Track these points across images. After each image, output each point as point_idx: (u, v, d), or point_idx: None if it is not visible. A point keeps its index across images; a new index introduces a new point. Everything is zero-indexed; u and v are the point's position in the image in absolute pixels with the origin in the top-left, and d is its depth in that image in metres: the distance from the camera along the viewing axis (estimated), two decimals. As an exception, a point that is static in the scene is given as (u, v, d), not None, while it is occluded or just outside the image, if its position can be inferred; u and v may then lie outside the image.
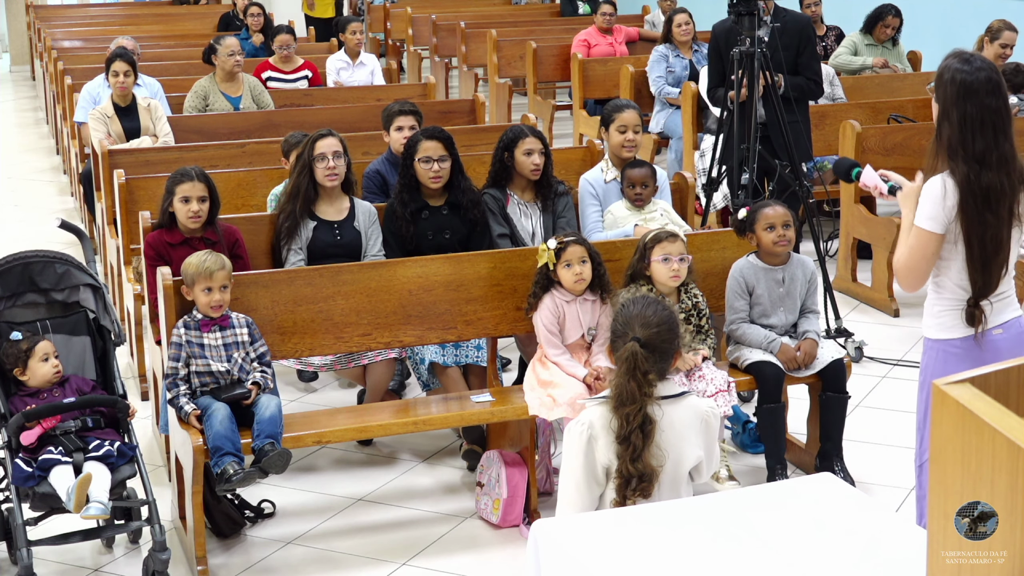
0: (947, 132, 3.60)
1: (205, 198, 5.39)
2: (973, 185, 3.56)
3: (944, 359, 3.73)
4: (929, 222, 3.60)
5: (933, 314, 3.76)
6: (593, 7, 13.24)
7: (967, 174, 3.56)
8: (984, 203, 3.57)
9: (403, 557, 4.60)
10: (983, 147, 3.57)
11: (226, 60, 8.60)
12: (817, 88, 7.13)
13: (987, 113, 3.57)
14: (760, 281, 5.10)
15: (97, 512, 4.09)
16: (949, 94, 3.60)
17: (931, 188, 3.61)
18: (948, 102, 3.60)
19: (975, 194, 3.57)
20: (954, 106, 3.58)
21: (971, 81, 3.57)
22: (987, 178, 3.56)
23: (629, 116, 5.99)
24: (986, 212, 3.58)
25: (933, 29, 10.82)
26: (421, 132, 5.77)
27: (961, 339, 3.70)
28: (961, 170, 3.57)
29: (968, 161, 3.57)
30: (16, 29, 18.96)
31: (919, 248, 3.63)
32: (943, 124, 3.61)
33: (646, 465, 3.41)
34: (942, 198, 3.59)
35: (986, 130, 3.57)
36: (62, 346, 4.54)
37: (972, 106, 3.57)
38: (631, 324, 3.49)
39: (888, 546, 3.06)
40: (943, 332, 3.73)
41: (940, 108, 3.64)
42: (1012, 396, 2.28)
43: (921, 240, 3.62)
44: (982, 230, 3.59)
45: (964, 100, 3.57)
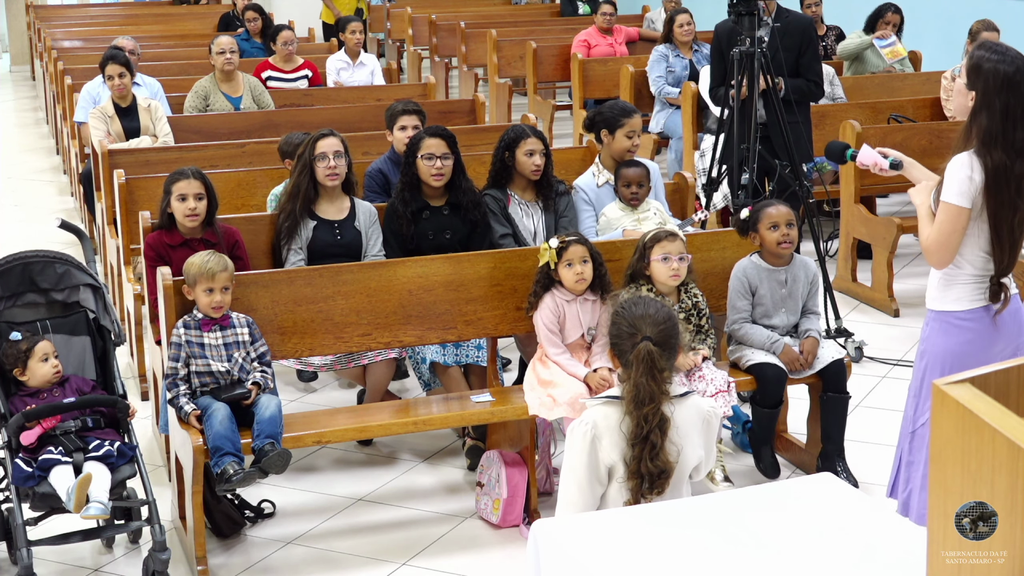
0: (986, 121, 3.72)
1: (202, 196, 5.39)
2: (1009, 172, 3.71)
3: (947, 330, 3.89)
4: (959, 198, 3.73)
5: (942, 286, 3.89)
6: (593, 7, 13.24)
7: (1004, 162, 3.71)
8: (1017, 191, 3.74)
9: (403, 557, 4.60)
10: (1019, 136, 3.72)
11: (217, 59, 8.61)
12: (818, 90, 7.13)
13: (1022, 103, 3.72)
14: (763, 282, 5.10)
15: (97, 512, 4.09)
16: (991, 85, 3.72)
17: (958, 165, 3.75)
18: (990, 92, 3.72)
19: (1009, 181, 3.72)
20: (996, 96, 3.71)
21: (1012, 73, 3.72)
22: (1020, 166, 3.72)
23: (639, 122, 5.99)
24: (1017, 199, 3.74)
25: (933, 29, 10.82)
26: (424, 130, 5.78)
27: (966, 311, 3.86)
28: (998, 158, 3.71)
29: (1007, 150, 3.71)
30: (16, 29, 18.97)
31: (949, 223, 3.76)
32: (981, 113, 3.73)
33: (665, 462, 3.43)
34: (969, 174, 3.72)
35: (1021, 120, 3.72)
36: (62, 346, 4.54)
37: (1014, 98, 3.71)
38: (639, 324, 3.50)
39: (888, 546, 3.06)
40: (951, 304, 3.88)
41: (980, 97, 3.74)
42: (1012, 396, 2.28)
43: (951, 215, 3.75)
44: (1012, 215, 3.75)
45: (1007, 91, 3.71)
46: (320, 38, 13.39)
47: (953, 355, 3.89)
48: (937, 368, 3.93)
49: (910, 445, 4.01)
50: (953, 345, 3.90)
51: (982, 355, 3.88)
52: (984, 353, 3.88)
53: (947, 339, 3.89)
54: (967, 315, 3.87)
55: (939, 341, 3.91)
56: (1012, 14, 9.99)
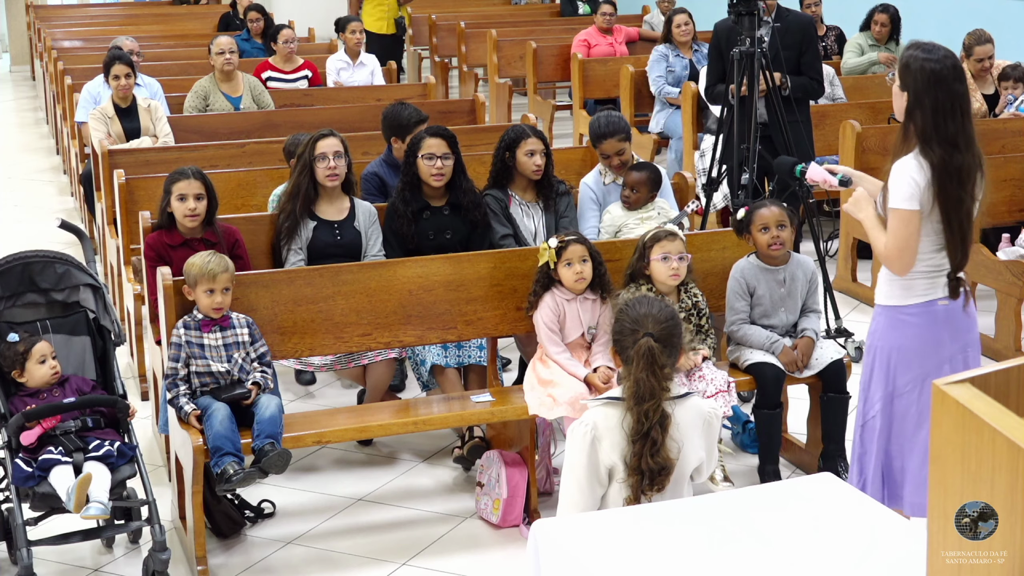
0: (920, 119, 3.77)
1: (202, 196, 5.39)
2: (949, 167, 3.75)
3: (894, 324, 3.94)
4: (908, 201, 3.77)
5: (891, 282, 3.93)
6: (593, 7, 13.23)
7: (942, 157, 3.75)
8: (959, 183, 3.78)
9: (403, 557, 4.60)
10: (955, 130, 3.76)
11: (217, 59, 8.61)
12: (819, 87, 7.13)
13: (955, 98, 3.77)
14: (761, 282, 5.10)
15: (97, 512, 4.09)
16: (920, 83, 3.77)
17: (904, 169, 3.79)
18: (920, 91, 3.77)
19: (951, 175, 3.76)
20: (925, 94, 3.76)
21: (939, 69, 3.76)
22: (958, 159, 3.77)
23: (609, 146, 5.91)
24: (960, 191, 3.78)
25: (933, 29, 10.81)
26: (425, 130, 5.77)
27: (913, 306, 3.91)
28: (936, 153, 3.75)
29: (942, 144, 3.75)
30: (16, 29, 18.95)
31: (903, 228, 3.79)
32: (915, 112, 3.79)
33: (665, 459, 3.43)
34: (913, 176, 3.76)
35: (955, 114, 3.76)
36: (62, 346, 4.54)
37: (942, 93, 3.75)
38: (642, 322, 3.50)
39: (888, 546, 3.06)
40: (898, 299, 3.93)
41: (911, 97, 3.80)
42: (1012, 396, 2.28)
43: (903, 220, 3.78)
44: (959, 207, 3.79)
45: (935, 88, 3.75)
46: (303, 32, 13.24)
47: (900, 349, 3.95)
48: (884, 362, 3.99)
49: (861, 438, 4.09)
50: (900, 339, 3.95)
51: (930, 350, 3.94)
52: (932, 348, 3.94)
53: (894, 333, 3.94)
54: (914, 310, 3.91)
55: (886, 335, 3.96)
56: (1012, 14, 9.99)
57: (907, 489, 4.08)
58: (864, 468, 4.09)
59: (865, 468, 4.08)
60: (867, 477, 4.07)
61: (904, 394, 3.99)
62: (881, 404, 4.03)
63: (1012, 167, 6.86)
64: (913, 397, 3.98)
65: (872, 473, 4.06)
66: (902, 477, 4.08)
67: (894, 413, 4.02)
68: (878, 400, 4.03)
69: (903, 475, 4.08)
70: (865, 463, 4.09)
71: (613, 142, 5.92)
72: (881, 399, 4.02)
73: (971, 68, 8.30)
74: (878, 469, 4.08)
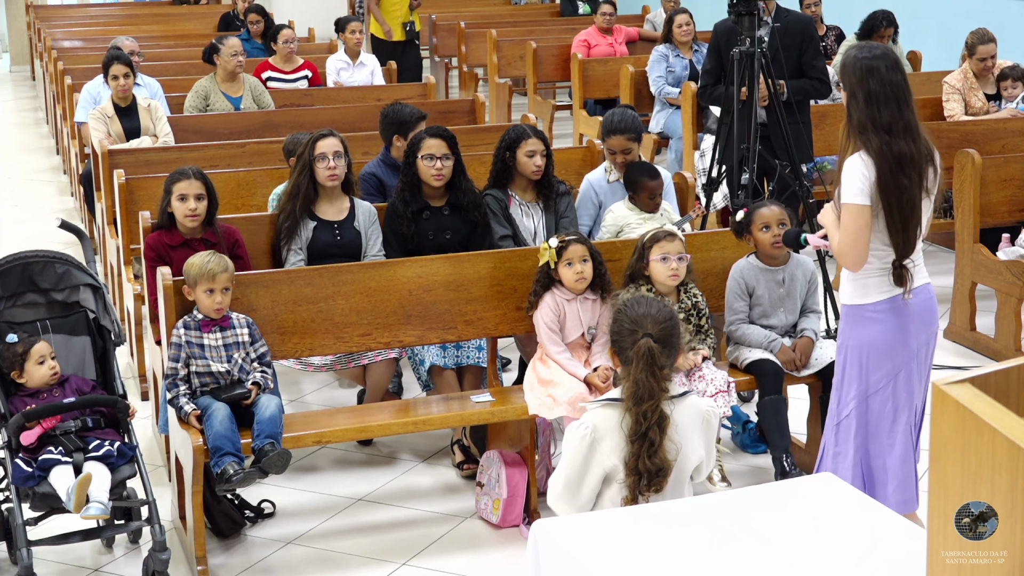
0: (855, 112, 3.91)
1: (202, 196, 5.39)
2: (886, 154, 3.87)
3: (860, 323, 4.03)
4: (859, 196, 3.88)
5: (851, 281, 4.03)
6: (593, 7, 13.23)
7: (879, 145, 3.87)
8: (898, 168, 3.88)
9: (403, 557, 4.60)
10: (889, 118, 3.88)
11: (228, 60, 8.59)
12: (824, 87, 7.09)
13: (889, 87, 3.90)
14: (760, 282, 5.10)
15: (97, 512, 4.09)
16: (854, 78, 3.92)
17: (851, 166, 3.91)
18: (854, 85, 3.92)
19: (889, 161, 3.87)
20: (859, 86, 3.91)
21: (870, 60, 3.91)
22: (897, 146, 3.87)
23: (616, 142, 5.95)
24: (900, 176, 3.88)
25: (933, 29, 10.82)
26: (425, 130, 5.76)
27: (876, 303, 4.00)
28: (873, 142, 3.88)
29: (878, 132, 3.88)
30: (16, 29, 18.96)
31: (853, 222, 3.89)
32: (851, 106, 3.93)
33: (663, 460, 3.43)
34: (864, 171, 3.88)
35: (890, 102, 3.89)
36: (62, 346, 4.54)
37: (875, 83, 3.89)
38: (641, 322, 3.51)
39: (888, 546, 3.06)
40: (861, 298, 4.02)
41: (848, 92, 3.95)
42: (1012, 396, 2.27)
43: (854, 214, 3.88)
44: (899, 194, 3.89)
45: (868, 79, 3.90)
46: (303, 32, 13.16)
47: (870, 346, 4.03)
48: (855, 360, 4.06)
49: (835, 436, 4.14)
50: (868, 337, 4.03)
51: (899, 345, 4.02)
52: (901, 343, 4.02)
53: (862, 331, 4.03)
54: (877, 307, 4.00)
55: (854, 334, 4.05)
56: (1012, 14, 10.00)
57: (891, 487, 4.13)
58: (839, 467, 4.12)
59: (840, 467, 4.12)
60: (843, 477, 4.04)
61: (878, 391, 4.06)
62: (856, 403, 4.09)
63: (1012, 167, 6.86)
64: (888, 393, 4.06)
65: (851, 472, 4.10)
66: (884, 476, 4.12)
67: (870, 410, 4.09)
68: (852, 399, 4.09)
69: (885, 474, 4.12)
70: (840, 463, 4.13)
71: (622, 139, 5.95)
72: (855, 398, 4.09)
73: (974, 67, 8.31)
74: (857, 468, 4.13)
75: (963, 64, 8.41)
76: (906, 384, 4.07)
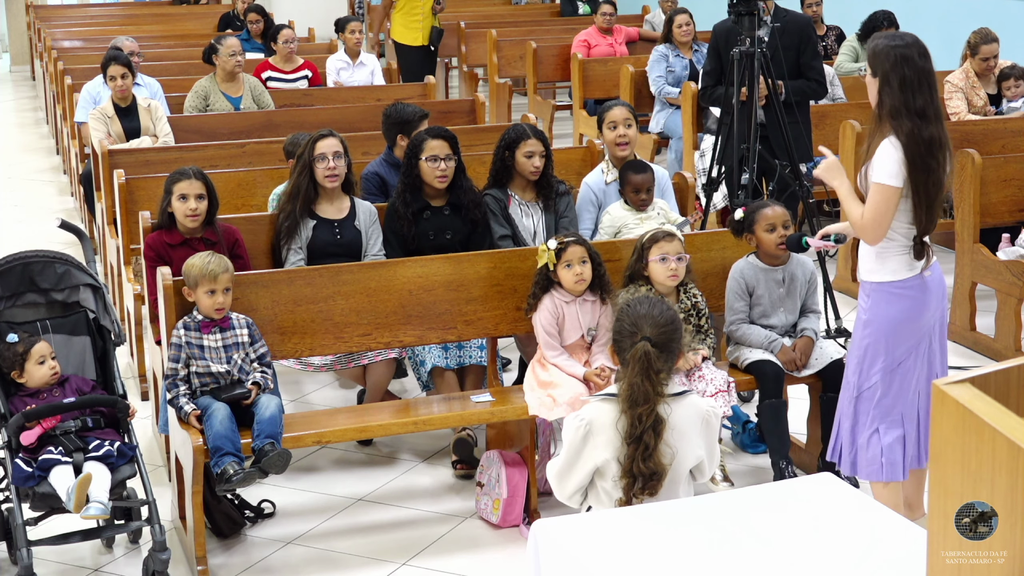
0: (889, 98, 4.06)
1: (203, 196, 5.39)
2: (917, 137, 4.03)
3: (888, 300, 4.19)
4: (892, 178, 4.04)
5: (878, 260, 4.19)
6: (593, 7, 13.23)
7: (912, 129, 4.03)
8: (928, 152, 4.05)
9: (403, 557, 4.60)
10: (922, 103, 4.05)
11: (227, 60, 8.58)
12: (820, 88, 7.10)
13: (922, 75, 4.07)
14: (760, 282, 5.10)
15: (97, 512, 4.09)
16: (888, 64, 4.06)
17: (885, 149, 4.06)
18: (888, 71, 4.07)
19: (919, 144, 4.03)
20: (893, 73, 4.05)
21: (904, 48, 4.07)
22: (928, 130, 4.04)
23: (617, 112, 6.02)
24: (929, 159, 4.06)
25: (933, 29, 10.81)
26: (426, 131, 5.76)
27: (903, 280, 4.17)
28: (906, 126, 4.03)
29: (911, 117, 4.04)
30: (16, 29, 18.96)
31: (884, 202, 4.06)
32: (884, 92, 4.08)
33: (657, 464, 3.43)
34: (896, 155, 4.03)
35: (923, 89, 4.06)
36: (62, 346, 4.54)
37: (909, 70, 4.05)
38: (640, 324, 3.51)
39: (888, 546, 3.06)
40: (889, 275, 4.18)
41: (880, 79, 4.09)
42: (1012, 396, 2.28)
43: (885, 195, 4.05)
44: (927, 176, 4.06)
45: (902, 66, 4.05)
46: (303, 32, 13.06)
47: (895, 322, 4.20)
48: (881, 336, 4.23)
49: (855, 409, 4.30)
50: (894, 313, 4.19)
51: (918, 320, 4.22)
52: (919, 318, 4.22)
53: (889, 308, 4.19)
54: (904, 284, 4.17)
55: (881, 310, 4.20)
56: (1012, 14, 9.99)
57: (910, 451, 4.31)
58: (857, 437, 4.29)
59: (857, 437, 4.29)
60: (858, 446, 4.28)
61: (903, 361, 4.24)
62: (880, 376, 4.24)
63: (1012, 167, 6.86)
64: (910, 363, 4.24)
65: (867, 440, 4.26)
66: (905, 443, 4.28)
67: (893, 381, 4.24)
68: (877, 372, 4.24)
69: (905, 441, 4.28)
70: (857, 433, 4.29)
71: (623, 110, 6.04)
72: (880, 370, 4.24)
73: (976, 67, 8.30)
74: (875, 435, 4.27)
75: (964, 63, 8.41)
76: (926, 354, 4.27)
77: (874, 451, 4.25)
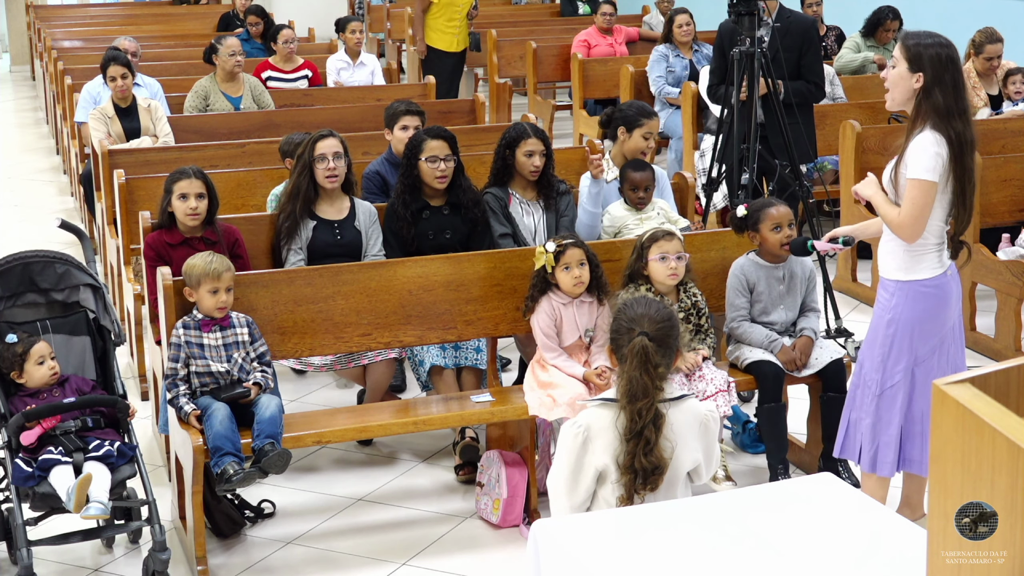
0: (940, 97, 4.08)
1: (203, 195, 5.39)
2: (962, 137, 4.09)
3: (915, 298, 4.21)
4: (929, 173, 4.05)
5: (908, 258, 4.20)
6: (593, 7, 13.23)
7: (961, 130, 4.08)
8: (969, 151, 4.12)
9: (403, 557, 4.60)
10: (965, 105, 4.14)
11: (227, 60, 8.58)
12: (818, 91, 7.09)
13: (963, 77, 4.17)
14: (761, 279, 5.10)
15: (97, 512, 4.08)
16: (938, 64, 4.09)
17: (924, 143, 4.07)
18: (938, 71, 4.09)
19: (964, 144, 4.09)
20: (945, 72, 4.09)
21: (950, 50, 4.13)
22: (969, 130, 4.12)
23: (657, 125, 6.06)
24: (969, 158, 4.12)
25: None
26: (425, 131, 5.77)
27: (929, 279, 4.21)
28: (956, 127, 4.08)
29: (960, 117, 4.10)
30: (16, 29, 18.96)
31: (922, 197, 4.07)
32: (934, 90, 4.08)
33: (659, 458, 3.43)
34: (937, 150, 4.06)
35: (964, 91, 4.16)
36: (62, 346, 4.54)
37: (957, 72, 4.12)
38: (638, 321, 3.51)
39: (888, 546, 3.06)
40: (915, 274, 4.21)
41: (929, 77, 4.09)
42: (1012, 396, 2.28)
43: (923, 190, 4.06)
44: (971, 176, 4.14)
45: (952, 68, 4.10)
46: (303, 32, 12.98)
47: (920, 320, 4.23)
48: (907, 334, 4.25)
49: (877, 407, 4.31)
50: (920, 311, 4.22)
51: (942, 318, 4.26)
52: (944, 316, 4.26)
53: (915, 305, 4.21)
54: (932, 282, 4.21)
55: (908, 308, 4.22)
56: (1012, 14, 9.99)
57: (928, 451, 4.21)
58: (880, 434, 4.31)
59: (881, 434, 4.31)
60: (881, 443, 4.31)
61: (925, 360, 4.27)
62: (903, 374, 4.27)
63: (1012, 167, 6.86)
64: (933, 362, 4.28)
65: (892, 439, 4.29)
66: (921, 440, 4.30)
67: (916, 379, 4.28)
68: (900, 371, 4.27)
69: (923, 438, 4.30)
70: (881, 430, 4.31)
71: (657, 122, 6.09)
72: (903, 369, 4.27)
73: (979, 66, 8.30)
74: (898, 435, 4.31)
75: (966, 63, 8.41)
76: (947, 353, 4.30)
77: (894, 447, 4.30)
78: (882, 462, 4.32)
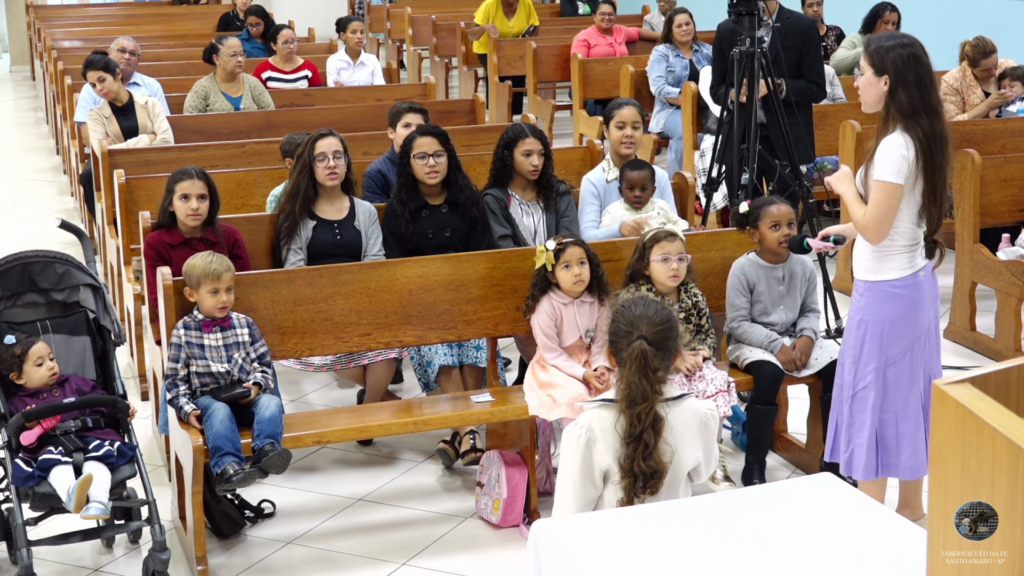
0: (904, 96, 4.09)
1: (204, 196, 5.39)
2: (931, 134, 4.08)
3: (884, 298, 4.22)
4: (895, 176, 4.06)
5: (876, 258, 4.21)
6: (593, 7, 13.23)
7: (929, 126, 4.08)
8: (939, 148, 4.11)
9: (403, 557, 4.60)
10: (933, 101, 4.12)
11: (228, 60, 8.58)
12: (819, 91, 7.09)
13: (929, 73, 4.14)
14: (761, 279, 5.10)
15: (97, 512, 4.08)
16: (900, 65, 4.10)
17: (891, 145, 4.08)
18: (901, 71, 4.10)
19: (932, 141, 4.09)
20: (908, 72, 4.09)
21: (912, 48, 4.13)
22: (938, 127, 4.11)
23: (627, 112, 6.03)
24: (939, 155, 4.11)
25: (933, 29, 10.81)
26: (416, 129, 5.78)
27: (898, 279, 4.20)
28: (924, 124, 4.08)
29: (927, 114, 4.09)
30: (16, 29, 18.96)
31: (886, 200, 4.08)
32: (898, 90, 4.10)
33: (658, 462, 3.43)
34: (903, 152, 4.06)
35: (932, 86, 4.13)
36: (62, 346, 4.54)
37: (922, 69, 4.11)
38: (636, 324, 3.50)
39: (888, 546, 3.06)
40: (884, 274, 4.21)
41: (893, 79, 4.11)
42: (1012, 396, 2.28)
43: (888, 192, 4.07)
44: (940, 174, 4.12)
45: (915, 66, 4.10)
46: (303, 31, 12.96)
47: (890, 321, 4.22)
48: (876, 335, 4.24)
49: (850, 408, 4.30)
50: (890, 312, 4.21)
51: (914, 319, 4.24)
52: (916, 317, 4.24)
53: (884, 307, 4.22)
54: (900, 283, 4.20)
55: (877, 309, 4.23)
56: (1012, 14, 9.99)
57: (904, 454, 4.32)
58: (853, 437, 4.30)
59: (855, 437, 4.30)
60: (857, 446, 4.29)
61: (896, 362, 4.25)
62: (874, 375, 4.25)
63: (1012, 167, 6.86)
64: (904, 364, 4.25)
65: (867, 441, 4.28)
66: (896, 443, 4.29)
67: (887, 381, 4.26)
68: (871, 372, 4.25)
69: (897, 441, 4.29)
70: (855, 432, 4.31)
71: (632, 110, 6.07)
72: (874, 370, 4.25)
73: (977, 74, 8.28)
74: (872, 437, 4.29)
75: (961, 63, 8.40)
76: (920, 355, 4.28)
77: (870, 451, 4.26)
78: (856, 465, 4.31)
